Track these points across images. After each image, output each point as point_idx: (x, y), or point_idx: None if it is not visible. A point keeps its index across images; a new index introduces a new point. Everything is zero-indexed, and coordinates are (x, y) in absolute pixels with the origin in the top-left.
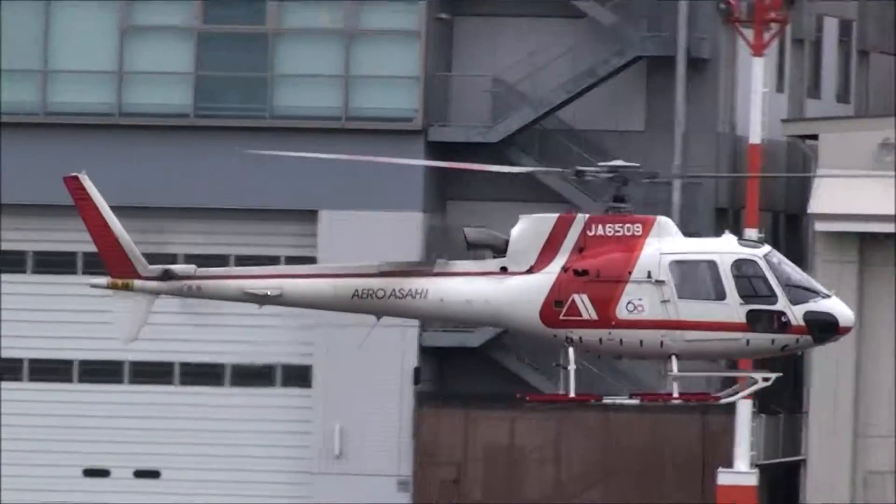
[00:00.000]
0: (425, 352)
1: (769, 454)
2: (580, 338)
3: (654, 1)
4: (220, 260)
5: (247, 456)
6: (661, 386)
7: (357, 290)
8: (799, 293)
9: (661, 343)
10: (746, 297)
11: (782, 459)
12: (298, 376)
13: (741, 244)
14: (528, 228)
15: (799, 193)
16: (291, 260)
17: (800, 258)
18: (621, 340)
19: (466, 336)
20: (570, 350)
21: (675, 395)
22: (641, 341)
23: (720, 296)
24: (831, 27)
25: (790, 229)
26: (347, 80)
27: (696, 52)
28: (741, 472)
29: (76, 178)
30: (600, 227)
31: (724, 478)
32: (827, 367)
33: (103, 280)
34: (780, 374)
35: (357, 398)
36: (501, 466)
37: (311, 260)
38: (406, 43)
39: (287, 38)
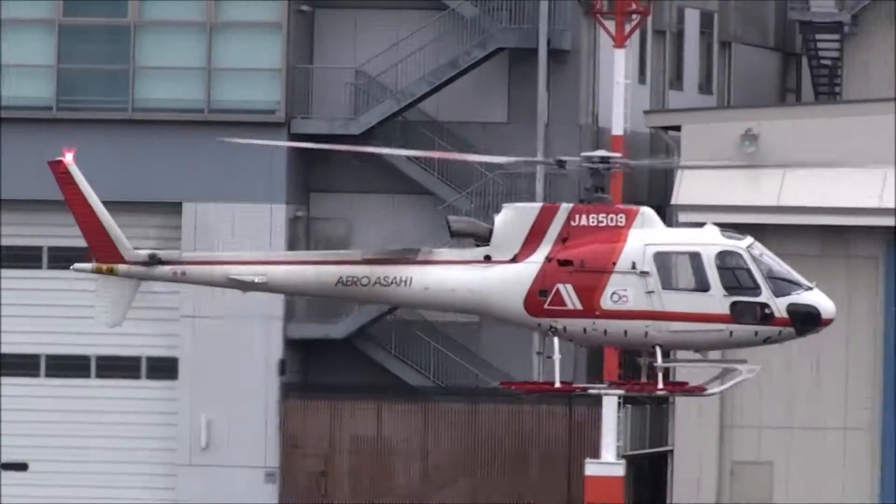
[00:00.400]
0: (290, 343)
1: (636, 445)
2: (564, 327)
3: None
4: (83, 253)
5: (114, 448)
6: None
7: (342, 278)
8: (782, 285)
9: (646, 333)
10: (730, 288)
11: (649, 450)
12: (164, 368)
13: (724, 235)
14: (512, 217)
15: (662, 185)
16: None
17: None
18: (605, 330)
19: (331, 328)
20: (555, 340)
21: (660, 385)
22: (626, 331)
23: (704, 287)
24: (693, 18)
25: None
26: (210, 72)
27: (557, 44)
28: (608, 462)
29: (61, 162)
30: (584, 217)
31: (591, 468)
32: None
33: (88, 265)
34: (763, 367)
35: (223, 390)
36: (368, 458)
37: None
38: (268, 35)
39: (148, 30)
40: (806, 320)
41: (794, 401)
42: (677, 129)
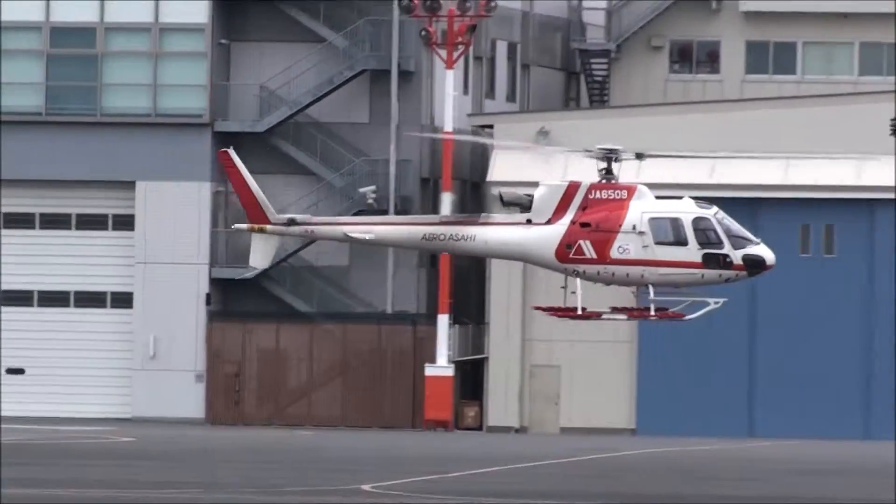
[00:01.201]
0: (214, 282)
1: (461, 353)
2: (584, 271)
3: (374, 29)
4: (65, 217)
5: (87, 357)
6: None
7: (425, 234)
8: (738, 241)
9: (642, 276)
10: (702, 243)
11: (471, 357)
12: (123, 300)
13: (697, 205)
14: (547, 192)
15: (480, 167)
16: (117, 217)
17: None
18: (613, 273)
19: (244, 271)
20: (577, 280)
21: (653, 312)
22: (627, 274)
23: (684, 243)
24: (502, 48)
25: (473, 194)
26: (155, 87)
27: (405, 66)
28: (441, 366)
29: (226, 152)
30: (598, 192)
31: (429, 371)
32: (501, 290)
33: (245, 225)
34: (727, 300)
35: (166, 316)
36: (270, 364)
37: (131, 218)
38: (197, 61)
39: (111, 57)
40: (755, 266)
41: (575, 321)
42: (491, 127)
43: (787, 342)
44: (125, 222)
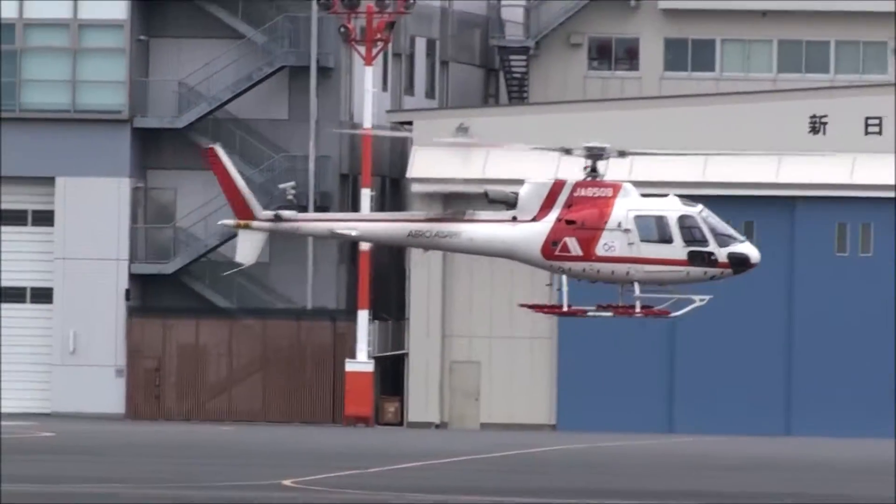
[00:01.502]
0: (134, 277)
1: (381, 349)
2: (569, 268)
3: (293, 26)
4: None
5: (7, 353)
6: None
7: (411, 231)
8: (723, 239)
9: (627, 273)
10: (687, 241)
11: (391, 353)
12: (43, 295)
13: (683, 204)
14: (532, 189)
15: (399, 163)
16: (36, 213)
17: (401, 210)
18: (598, 270)
19: (164, 266)
20: (563, 277)
21: (638, 309)
22: (613, 271)
23: (669, 240)
24: (421, 44)
25: (393, 190)
26: (74, 83)
27: (324, 63)
28: (361, 362)
29: (212, 148)
30: (583, 189)
31: (349, 366)
32: (421, 286)
33: (232, 220)
34: (712, 297)
35: (85, 311)
36: (190, 359)
37: (50, 213)
38: (116, 57)
39: (31, 54)
40: (740, 264)
41: (495, 317)
42: (410, 123)
43: (707, 338)
44: (45, 218)
